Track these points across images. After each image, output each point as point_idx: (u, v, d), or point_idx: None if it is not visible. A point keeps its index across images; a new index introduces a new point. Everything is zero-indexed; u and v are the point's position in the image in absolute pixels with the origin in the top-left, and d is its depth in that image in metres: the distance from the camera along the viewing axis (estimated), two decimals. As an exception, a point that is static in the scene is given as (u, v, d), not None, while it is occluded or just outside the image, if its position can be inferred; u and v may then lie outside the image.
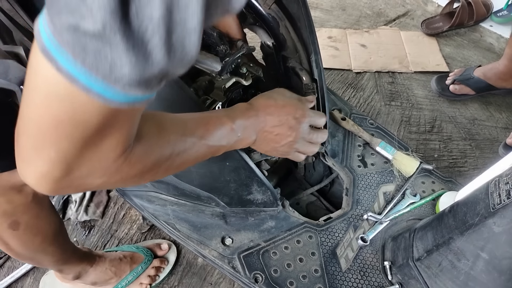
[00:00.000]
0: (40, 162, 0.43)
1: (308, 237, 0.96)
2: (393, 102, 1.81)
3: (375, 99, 1.82)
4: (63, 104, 0.38)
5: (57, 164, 0.43)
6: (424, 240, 0.86)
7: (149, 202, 0.97)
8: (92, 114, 0.39)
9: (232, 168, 0.85)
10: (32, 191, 0.75)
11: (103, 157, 0.46)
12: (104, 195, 1.49)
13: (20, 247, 0.82)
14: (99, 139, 0.43)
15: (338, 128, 1.14)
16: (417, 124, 1.72)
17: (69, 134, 0.41)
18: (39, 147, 0.42)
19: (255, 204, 0.96)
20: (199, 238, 0.93)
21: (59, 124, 0.40)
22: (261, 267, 0.90)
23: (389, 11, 2.30)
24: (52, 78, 0.36)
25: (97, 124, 0.40)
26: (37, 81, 0.38)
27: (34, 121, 0.41)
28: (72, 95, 0.37)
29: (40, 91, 0.38)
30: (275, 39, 1.07)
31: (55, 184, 0.45)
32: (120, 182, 0.53)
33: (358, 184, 1.05)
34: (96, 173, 0.47)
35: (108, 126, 0.42)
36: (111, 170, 0.48)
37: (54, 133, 0.40)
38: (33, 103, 0.40)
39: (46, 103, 0.39)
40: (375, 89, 1.87)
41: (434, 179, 1.09)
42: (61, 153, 0.42)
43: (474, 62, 1.98)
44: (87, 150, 0.43)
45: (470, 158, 1.61)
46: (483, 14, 2.07)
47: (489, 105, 1.79)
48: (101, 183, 0.49)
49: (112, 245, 1.38)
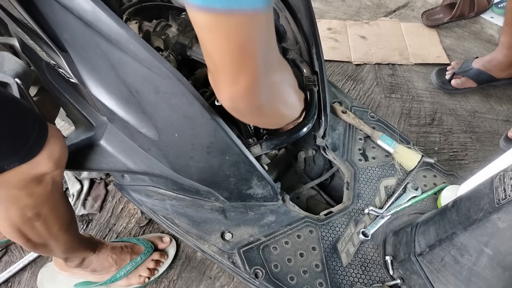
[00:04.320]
0: (236, 83, 0.56)
1: (309, 231, 0.95)
2: (393, 95, 1.79)
3: (375, 92, 1.81)
4: (236, 32, 0.49)
5: (249, 81, 0.56)
6: (426, 235, 0.85)
7: (148, 196, 0.95)
8: (258, 26, 0.51)
9: (231, 162, 0.84)
10: (52, 179, 0.74)
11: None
12: (102, 189, 1.47)
13: (38, 237, 0.82)
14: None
15: (339, 121, 1.13)
16: (417, 117, 1.71)
17: (251, 53, 0.53)
18: (233, 72, 0.55)
19: (255, 199, 0.94)
20: (198, 233, 0.91)
21: (242, 48, 0.51)
22: (261, 262, 0.89)
23: (389, 2, 2.27)
24: (224, 20, 0.47)
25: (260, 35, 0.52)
26: (218, 29, 0.49)
27: (223, 55, 0.53)
28: (241, 21, 0.48)
29: (222, 32, 0.49)
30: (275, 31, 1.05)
31: (247, 99, 0.59)
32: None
33: (359, 178, 1.04)
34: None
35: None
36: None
37: (242, 57, 0.53)
38: (218, 42, 0.51)
39: (228, 37, 0.50)
40: (375, 81, 1.85)
41: (435, 173, 1.07)
42: (249, 71, 0.55)
43: (475, 54, 1.96)
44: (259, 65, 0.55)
45: (470, 151, 1.60)
46: (484, 6, 2.05)
47: (489, 98, 1.78)
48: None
49: (110, 238, 1.37)
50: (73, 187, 1.43)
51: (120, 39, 0.67)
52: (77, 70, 0.76)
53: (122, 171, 0.85)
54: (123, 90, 0.74)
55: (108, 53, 0.70)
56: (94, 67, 0.74)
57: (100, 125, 0.83)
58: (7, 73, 1.05)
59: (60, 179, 0.79)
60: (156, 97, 0.74)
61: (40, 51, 0.77)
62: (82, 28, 0.68)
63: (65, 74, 0.78)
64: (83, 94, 0.81)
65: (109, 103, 0.77)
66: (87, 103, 0.82)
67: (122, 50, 0.68)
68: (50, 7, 0.69)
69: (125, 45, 0.68)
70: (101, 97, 0.77)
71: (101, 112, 0.81)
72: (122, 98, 0.76)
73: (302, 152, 1.17)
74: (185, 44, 0.96)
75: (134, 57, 0.69)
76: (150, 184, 0.96)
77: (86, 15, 0.66)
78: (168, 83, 0.72)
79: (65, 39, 0.73)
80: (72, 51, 0.74)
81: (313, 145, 1.14)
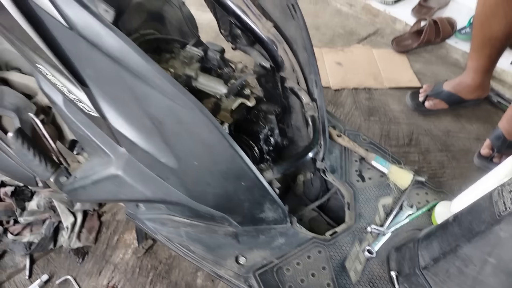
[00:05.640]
0: None
1: (318, 252, 0.99)
2: (371, 117, 1.89)
3: (355, 115, 1.90)
4: None
5: None
6: (429, 249, 0.91)
7: (162, 225, 0.97)
8: None
9: (246, 187, 0.87)
10: None
11: None
12: (95, 220, 1.46)
13: None
14: None
15: (334, 145, 1.19)
16: (396, 138, 1.80)
17: None
18: None
19: (266, 222, 0.98)
20: (214, 259, 0.93)
21: None
22: (276, 284, 0.92)
23: (360, 30, 2.40)
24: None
25: None
26: None
27: None
28: None
29: None
30: (273, 61, 1.10)
31: None
32: None
33: (359, 198, 1.09)
34: None
35: None
36: None
37: None
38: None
39: None
40: (353, 105, 1.94)
41: (427, 190, 1.15)
42: None
43: (443, 77, 2.10)
44: None
45: (448, 169, 1.70)
46: (449, 32, 2.21)
47: (460, 117, 1.90)
48: None
49: (108, 271, 1.36)
50: (67, 220, 1.42)
51: (147, 73, 0.71)
52: (98, 103, 0.78)
53: (140, 200, 0.87)
54: (145, 121, 0.77)
55: (134, 87, 0.73)
56: (117, 101, 0.77)
57: (119, 156, 0.85)
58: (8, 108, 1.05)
59: None
60: (179, 127, 0.77)
61: (61, 87, 0.79)
62: (108, 63, 0.71)
63: (85, 108, 0.80)
64: (102, 127, 0.83)
65: (130, 134, 0.80)
66: (105, 135, 0.84)
67: (147, 83, 0.72)
68: (76, 44, 0.71)
69: (151, 79, 0.71)
70: (122, 129, 0.80)
71: (120, 144, 0.83)
72: (144, 129, 0.79)
73: (300, 175, 1.22)
74: (191, 75, 1.00)
75: (159, 90, 0.72)
76: (166, 212, 0.97)
77: (113, 51, 0.69)
78: (191, 114, 0.75)
79: (87, 74, 0.76)
80: (94, 86, 0.77)
81: (311, 168, 1.20)
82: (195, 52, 1.05)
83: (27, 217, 1.42)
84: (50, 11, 0.68)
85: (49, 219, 1.43)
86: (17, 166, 1.10)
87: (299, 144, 1.20)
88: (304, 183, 1.21)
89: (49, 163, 0.94)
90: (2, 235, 1.40)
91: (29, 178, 1.12)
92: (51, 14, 0.68)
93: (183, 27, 1.23)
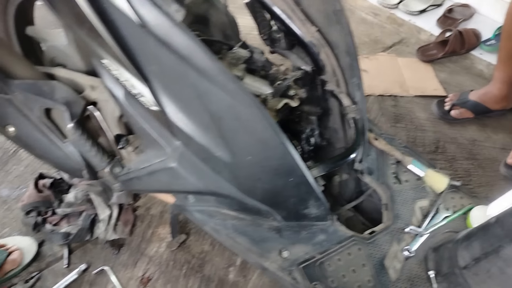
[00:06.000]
0: None
1: (358, 249, 1.02)
2: (398, 124, 1.92)
3: (381, 121, 1.93)
4: None
5: None
6: (470, 249, 0.94)
7: (211, 216, 1.00)
8: None
9: (294, 183, 0.91)
10: None
11: None
12: (130, 214, 1.50)
13: None
14: None
15: (371, 148, 1.22)
16: (422, 145, 1.83)
17: None
18: None
19: (309, 218, 1.01)
20: (259, 251, 0.97)
21: None
22: (319, 278, 0.95)
23: (385, 39, 2.44)
24: None
25: None
26: None
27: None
28: None
29: None
30: (315, 64, 1.14)
31: None
32: None
33: (396, 199, 1.12)
34: None
35: None
36: None
37: None
38: None
39: None
40: (380, 111, 1.97)
41: (462, 195, 1.17)
42: None
43: (468, 87, 2.12)
44: None
45: (474, 177, 1.72)
46: (474, 43, 2.23)
47: (486, 127, 1.92)
48: None
49: (143, 263, 1.40)
50: (103, 213, 1.46)
51: (212, 71, 0.75)
52: (159, 98, 0.83)
53: (192, 192, 0.91)
54: (205, 116, 0.81)
55: (197, 84, 0.77)
56: (178, 96, 0.81)
57: (174, 149, 0.89)
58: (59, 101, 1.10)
59: None
60: (236, 124, 0.81)
61: (124, 81, 0.83)
62: (175, 61, 0.75)
63: (146, 102, 0.84)
64: (160, 120, 0.87)
65: (187, 128, 0.84)
66: (163, 128, 0.88)
67: (211, 81, 0.76)
68: (144, 41, 0.76)
69: (215, 77, 0.75)
70: (180, 122, 0.84)
71: (176, 137, 0.87)
72: (202, 124, 0.83)
73: (336, 176, 1.25)
74: (239, 76, 1.04)
75: (222, 88, 0.76)
76: (214, 204, 1.01)
77: (182, 49, 0.74)
78: (249, 111, 0.79)
79: (151, 70, 0.80)
80: (157, 81, 0.81)
81: (346, 169, 1.23)
82: (242, 54, 1.09)
83: (64, 209, 1.46)
84: (124, 9, 0.72)
85: (86, 211, 1.47)
86: (65, 158, 1.15)
87: (335, 146, 1.24)
88: (339, 184, 1.24)
89: (104, 154, 0.99)
90: (41, 225, 1.44)
91: (76, 170, 1.16)
92: (124, 12, 0.73)
93: (226, 30, 1.27)
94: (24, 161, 1.68)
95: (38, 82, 1.06)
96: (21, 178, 1.63)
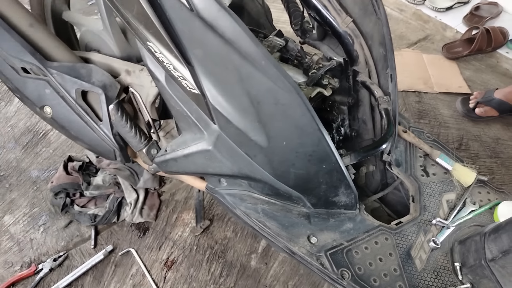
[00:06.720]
0: None
1: (384, 239, 1.03)
2: (422, 120, 1.92)
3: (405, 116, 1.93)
4: None
5: None
6: (498, 242, 0.94)
7: (242, 200, 1.02)
8: None
9: (327, 170, 0.92)
10: None
11: None
12: (156, 199, 1.53)
13: None
14: None
15: (399, 140, 1.23)
16: (446, 141, 1.83)
17: None
18: None
19: (337, 206, 1.03)
20: (288, 236, 0.99)
21: None
22: (346, 265, 0.96)
23: (410, 35, 2.43)
24: None
25: None
26: None
27: None
28: None
29: None
30: (348, 55, 1.15)
31: None
32: None
33: (423, 191, 1.13)
34: None
35: None
36: None
37: None
38: None
39: None
40: (404, 107, 1.97)
41: (488, 190, 1.18)
42: None
43: (492, 85, 2.11)
44: None
45: (497, 175, 1.72)
46: (501, 42, 2.22)
47: (510, 126, 1.91)
48: None
49: (167, 246, 1.42)
50: (130, 196, 1.49)
51: (256, 56, 0.76)
52: (200, 81, 0.84)
53: (226, 175, 0.93)
54: (244, 100, 0.83)
55: (240, 68, 0.79)
56: (220, 80, 0.83)
57: (211, 132, 0.91)
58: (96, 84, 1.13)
59: None
60: (275, 108, 0.83)
61: (168, 64, 0.85)
62: (220, 44, 0.77)
63: (187, 85, 0.86)
64: (200, 103, 0.89)
65: (226, 112, 0.85)
66: (201, 112, 0.90)
67: (253, 65, 0.77)
68: (190, 25, 0.78)
69: (258, 61, 0.77)
70: (219, 106, 0.85)
71: (214, 121, 0.89)
72: (241, 108, 0.84)
73: (363, 167, 1.26)
74: (273, 63, 1.06)
75: (263, 72, 0.78)
76: (246, 188, 1.03)
77: (228, 33, 0.75)
78: (288, 96, 0.81)
79: (195, 53, 0.82)
80: (200, 65, 0.83)
81: (374, 161, 1.24)
82: (277, 42, 1.11)
83: (92, 191, 1.50)
84: (173, -8, 0.74)
85: (113, 194, 1.50)
86: (99, 140, 1.17)
87: (363, 137, 1.25)
88: (366, 175, 1.25)
89: (142, 135, 1.01)
90: (69, 206, 1.48)
91: (109, 152, 1.19)
92: (173, -5, 0.75)
93: (260, 18, 1.29)
94: (53, 144, 1.72)
95: (76, 64, 1.09)
96: (50, 160, 1.67)
